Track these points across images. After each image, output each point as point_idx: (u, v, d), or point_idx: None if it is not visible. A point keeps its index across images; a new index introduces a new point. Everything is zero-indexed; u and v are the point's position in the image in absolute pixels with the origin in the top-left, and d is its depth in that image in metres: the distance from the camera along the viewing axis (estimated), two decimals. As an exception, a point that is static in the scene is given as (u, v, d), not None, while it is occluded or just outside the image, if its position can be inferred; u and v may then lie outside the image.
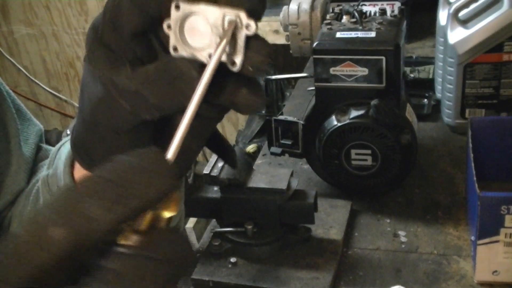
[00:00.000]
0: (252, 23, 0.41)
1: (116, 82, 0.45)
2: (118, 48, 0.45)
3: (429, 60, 1.52)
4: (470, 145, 0.97)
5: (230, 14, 0.41)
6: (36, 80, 3.36)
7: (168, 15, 0.42)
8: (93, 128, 0.50)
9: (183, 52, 0.43)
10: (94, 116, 0.49)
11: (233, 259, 0.96)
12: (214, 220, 1.03)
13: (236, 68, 0.41)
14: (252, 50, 0.41)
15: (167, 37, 0.43)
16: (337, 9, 1.11)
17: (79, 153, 0.53)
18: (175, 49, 0.43)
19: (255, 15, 0.41)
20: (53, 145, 0.76)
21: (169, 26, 0.43)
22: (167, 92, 0.44)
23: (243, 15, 0.41)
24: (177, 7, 0.42)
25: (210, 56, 0.42)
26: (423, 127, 1.30)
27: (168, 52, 0.44)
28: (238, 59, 0.41)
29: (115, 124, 0.48)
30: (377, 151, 1.02)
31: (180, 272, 0.38)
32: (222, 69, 0.41)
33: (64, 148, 0.65)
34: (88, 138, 0.51)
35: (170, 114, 0.46)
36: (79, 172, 0.58)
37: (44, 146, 0.78)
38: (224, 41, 0.41)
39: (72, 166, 0.60)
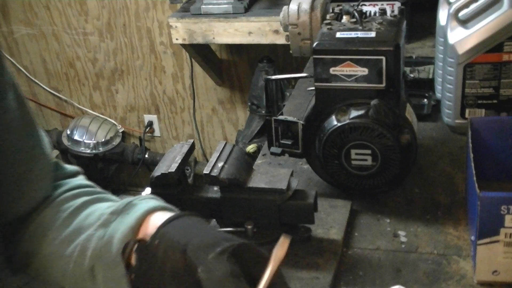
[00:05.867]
0: None
1: None
2: None
3: (429, 60, 1.52)
4: (470, 145, 0.97)
5: None
6: (36, 80, 3.36)
7: None
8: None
9: None
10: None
11: (233, 259, 0.95)
12: (214, 220, 1.03)
13: None
14: None
15: None
16: (337, 9, 1.11)
17: None
18: None
19: None
20: (52, 146, 0.78)
21: None
22: None
23: None
24: None
25: None
26: (423, 127, 1.30)
27: None
28: None
29: None
30: (377, 151, 1.02)
31: None
32: None
33: (125, 220, 0.69)
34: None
35: None
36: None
37: (56, 160, 0.81)
38: None
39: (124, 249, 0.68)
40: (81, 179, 0.83)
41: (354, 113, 1.02)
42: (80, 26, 3.16)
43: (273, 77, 1.35)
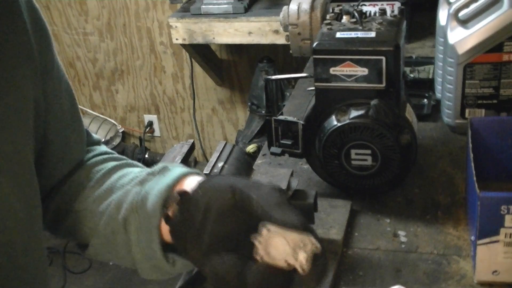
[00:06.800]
0: (318, 244, 0.59)
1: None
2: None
3: (429, 60, 1.52)
4: (470, 145, 0.97)
5: (304, 237, 0.59)
6: (36, 80, 3.36)
7: (257, 232, 0.60)
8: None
9: (267, 259, 0.59)
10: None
11: (233, 259, 0.95)
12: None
13: (304, 273, 0.59)
14: (315, 263, 0.59)
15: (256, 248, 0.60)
16: (337, 9, 1.11)
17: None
18: (262, 257, 0.59)
19: (320, 239, 0.60)
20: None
21: (259, 241, 0.60)
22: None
23: (312, 238, 0.59)
24: (268, 229, 0.60)
25: (288, 263, 0.59)
26: (423, 127, 1.30)
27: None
28: (307, 266, 0.59)
29: None
30: (377, 151, 1.02)
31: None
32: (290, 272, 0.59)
33: (162, 180, 0.71)
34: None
35: None
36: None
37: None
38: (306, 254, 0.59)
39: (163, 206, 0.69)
40: (104, 147, 0.88)
41: (354, 113, 1.02)
42: (80, 26, 3.16)
43: (273, 77, 1.35)
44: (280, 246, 0.59)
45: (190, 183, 0.69)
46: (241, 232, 0.62)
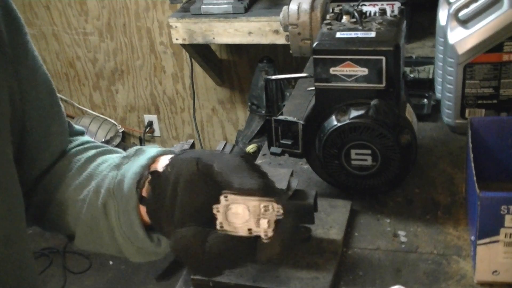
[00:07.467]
0: (281, 209, 0.58)
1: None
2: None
3: (429, 60, 1.52)
4: (470, 145, 0.97)
5: (265, 202, 0.58)
6: (36, 80, 3.35)
7: (218, 202, 0.59)
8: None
9: (227, 228, 0.58)
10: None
11: (233, 259, 0.95)
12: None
13: (267, 239, 0.58)
14: (280, 227, 0.58)
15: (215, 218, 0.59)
16: (337, 9, 1.11)
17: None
18: (221, 226, 0.58)
19: (282, 203, 0.58)
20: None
21: (217, 210, 0.59)
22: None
23: (274, 203, 0.58)
24: (226, 197, 0.58)
25: (250, 230, 0.58)
26: (423, 127, 1.30)
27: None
28: (270, 232, 0.58)
29: None
30: (377, 151, 1.02)
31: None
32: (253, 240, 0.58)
33: (136, 161, 0.71)
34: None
35: None
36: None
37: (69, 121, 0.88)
38: (267, 219, 0.58)
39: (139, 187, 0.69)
40: (87, 137, 0.89)
41: (354, 113, 1.02)
42: (80, 26, 3.16)
43: (273, 77, 1.35)
44: (240, 214, 0.58)
45: (163, 162, 0.68)
46: (210, 203, 0.61)
